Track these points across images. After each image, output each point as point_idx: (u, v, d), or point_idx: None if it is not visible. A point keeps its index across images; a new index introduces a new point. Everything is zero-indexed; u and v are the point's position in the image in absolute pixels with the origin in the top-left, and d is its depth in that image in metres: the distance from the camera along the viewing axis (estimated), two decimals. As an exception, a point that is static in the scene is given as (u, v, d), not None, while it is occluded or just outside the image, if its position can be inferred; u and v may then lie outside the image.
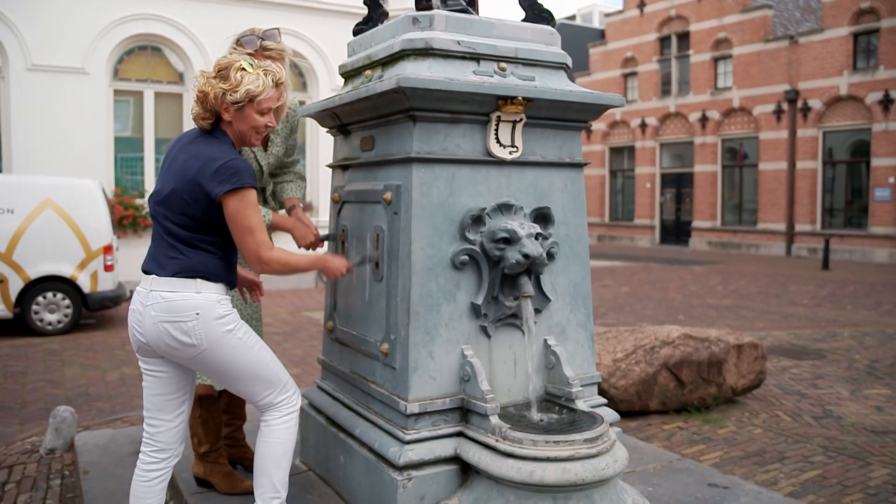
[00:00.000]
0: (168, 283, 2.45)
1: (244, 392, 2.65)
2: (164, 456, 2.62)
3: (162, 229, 2.53)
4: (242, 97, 2.49)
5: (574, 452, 2.51)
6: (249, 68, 2.51)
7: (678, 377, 5.29)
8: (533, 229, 2.78)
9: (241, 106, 2.50)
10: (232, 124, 2.55)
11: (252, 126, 2.56)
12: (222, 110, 2.51)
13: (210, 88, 2.48)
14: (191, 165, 2.48)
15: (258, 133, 2.60)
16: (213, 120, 2.54)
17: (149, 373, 2.61)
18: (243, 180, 2.44)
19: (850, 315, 10.83)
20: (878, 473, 4.20)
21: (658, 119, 26.23)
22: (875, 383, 6.39)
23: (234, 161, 2.46)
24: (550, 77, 3.03)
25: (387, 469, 2.75)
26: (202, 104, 2.52)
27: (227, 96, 2.48)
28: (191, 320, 2.43)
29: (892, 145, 19.73)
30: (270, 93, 2.55)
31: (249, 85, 2.49)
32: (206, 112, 2.52)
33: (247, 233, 2.47)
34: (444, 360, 2.80)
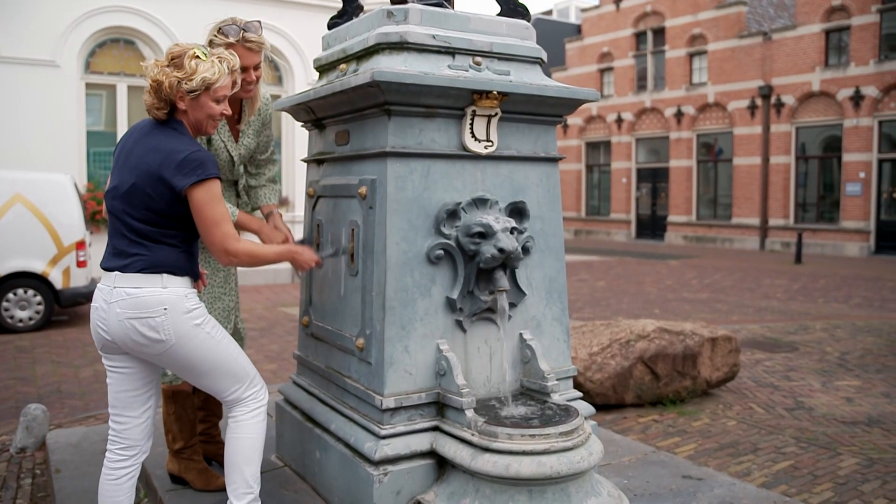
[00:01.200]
0: (133, 279, 2.41)
1: (212, 387, 2.62)
2: (131, 453, 2.59)
3: (122, 225, 2.47)
4: (198, 85, 2.44)
5: (549, 446, 2.51)
6: (203, 56, 2.47)
7: (653, 370, 5.33)
8: (508, 223, 2.79)
9: (196, 94, 2.45)
10: (187, 113, 2.50)
11: (208, 114, 2.51)
12: (177, 99, 2.46)
13: (164, 77, 2.42)
14: (151, 159, 2.43)
15: (214, 121, 2.55)
16: (167, 110, 2.48)
17: (113, 370, 2.57)
18: (208, 171, 2.41)
19: (821, 308, 10.98)
20: (847, 463, 4.27)
21: (634, 114, 26.39)
22: (845, 375, 6.49)
23: (197, 153, 2.42)
24: (526, 71, 3.04)
25: (363, 464, 2.74)
26: (156, 94, 2.45)
27: (182, 85, 2.43)
28: (158, 315, 2.40)
29: (863, 141, 20.02)
30: (226, 80, 2.52)
31: (205, 73, 2.44)
32: (161, 102, 2.46)
33: (213, 225, 2.43)
34: (419, 355, 2.80)
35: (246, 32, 3.01)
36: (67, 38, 11.45)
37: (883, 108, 19.75)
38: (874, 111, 19.81)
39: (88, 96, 11.97)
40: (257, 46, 3.04)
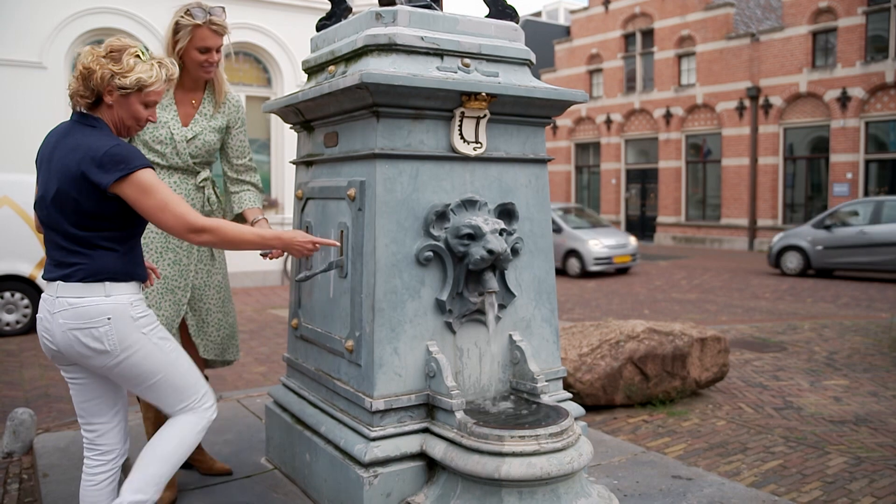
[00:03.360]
0: (75, 288, 2.30)
1: (159, 401, 2.49)
2: (109, 458, 2.52)
3: (56, 234, 2.35)
4: (132, 84, 2.33)
5: (539, 447, 2.52)
6: (143, 56, 2.37)
7: (643, 371, 5.34)
8: (497, 225, 2.79)
9: (127, 93, 2.34)
10: (112, 109, 2.37)
11: (133, 116, 2.40)
12: (105, 92, 2.34)
13: (98, 67, 2.31)
14: (71, 160, 2.30)
15: (138, 124, 2.43)
16: (92, 101, 2.36)
17: (71, 381, 2.50)
18: (132, 164, 2.26)
19: (809, 308, 11.04)
20: (835, 462, 4.30)
21: (623, 115, 26.46)
22: (834, 374, 6.53)
23: (117, 147, 2.28)
24: (514, 73, 3.04)
25: (353, 466, 2.74)
26: (84, 81, 2.33)
27: (115, 80, 2.32)
28: (101, 325, 2.29)
29: (850, 142, 20.15)
30: (160, 86, 2.41)
31: (142, 73, 2.34)
32: (87, 91, 2.34)
33: (159, 211, 2.28)
34: (409, 357, 2.79)
35: (212, 16, 3.11)
36: (54, 40, 11.39)
37: (869, 110, 19.88)
38: (861, 112, 19.94)
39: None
40: (222, 30, 3.14)
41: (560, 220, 16.07)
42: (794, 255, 15.19)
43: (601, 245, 15.46)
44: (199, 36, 3.08)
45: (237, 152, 3.36)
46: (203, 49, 3.10)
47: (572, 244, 15.54)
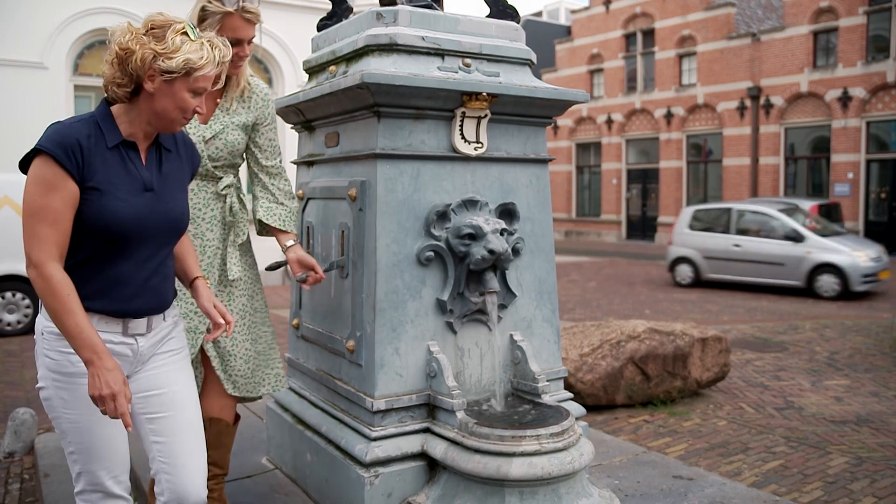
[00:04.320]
0: None
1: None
2: None
3: None
4: (179, 67, 1.92)
5: (540, 447, 2.52)
6: (191, 34, 1.97)
7: (644, 371, 5.34)
8: (498, 225, 2.79)
9: (172, 78, 1.94)
10: (153, 99, 1.96)
11: (179, 106, 1.98)
12: (146, 77, 1.93)
13: (139, 46, 1.91)
14: None
15: (184, 117, 2.01)
16: (131, 88, 1.96)
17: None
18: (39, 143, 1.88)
19: (811, 308, 11.03)
20: (836, 462, 4.29)
21: (624, 115, 26.45)
22: (835, 374, 6.52)
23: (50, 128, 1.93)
24: (515, 73, 3.04)
25: (353, 466, 2.74)
26: (121, 65, 1.93)
27: (158, 61, 1.91)
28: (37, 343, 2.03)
29: (851, 141, 20.13)
30: (212, 71, 2.00)
31: (190, 54, 1.93)
32: (125, 77, 1.94)
33: (24, 218, 1.89)
34: (410, 357, 2.79)
35: (244, 2, 2.66)
36: (55, 41, 11.41)
37: (871, 109, 19.86)
38: (862, 112, 19.92)
39: (77, 98, 11.92)
40: (255, 18, 2.72)
41: (796, 223, 12.43)
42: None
43: (866, 257, 11.85)
44: (229, 25, 2.64)
45: (267, 152, 2.88)
46: (234, 41, 2.61)
47: (824, 256, 11.86)
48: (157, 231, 2.03)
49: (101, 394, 1.83)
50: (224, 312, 2.21)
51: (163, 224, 2.04)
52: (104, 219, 1.92)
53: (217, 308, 2.21)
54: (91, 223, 1.92)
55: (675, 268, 14.00)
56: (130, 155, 2.00)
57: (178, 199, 2.12)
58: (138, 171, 2.00)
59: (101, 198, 1.92)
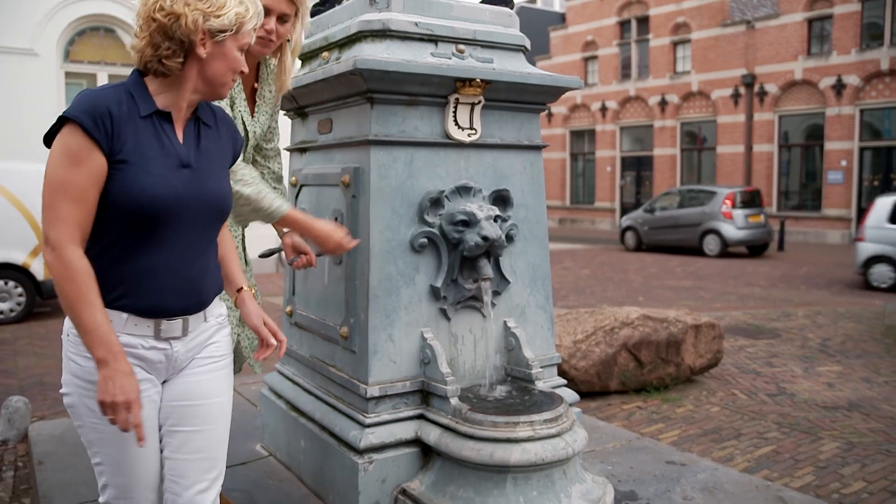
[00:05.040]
0: None
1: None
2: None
3: None
4: (231, 23, 1.72)
5: (534, 433, 2.52)
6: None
7: (637, 357, 5.36)
8: (492, 211, 2.79)
9: (223, 37, 1.73)
10: (204, 66, 1.74)
11: (232, 67, 1.78)
12: (198, 43, 1.71)
13: (185, 8, 1.68)
14: None
15: (234, 78, 1.82)
16: (182, 58, 1.72)
17: None
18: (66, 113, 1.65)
19: (803, 295, 11.08)
20: (828, 447, 4.32)
21: (618, 103, 26.43)
22: (827, 361, 6.56)
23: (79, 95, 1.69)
24: (509, 59, 3.03)
25: (348, 453, 2.74)
26: (166, 34, 1.69)
27: (209, 22, 1.70)
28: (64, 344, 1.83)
29: (845, 129, 20.17)
30: (256, 23, 1.81)
31: (237, 7, 1.74)
32: (173, 45, 1.70)
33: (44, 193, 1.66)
34: (403, 343, 2.80)
35: None
36: (46, 27, 11.32)
37: (864, 97, 19.89)
38: (856, 100, 19.95)
39: (68, 85, 11.84)
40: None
41: None
42: (630, 235, 18.35)
43: None
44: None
45: (269, 134, 2.83)
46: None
47: None
48: (195, 214, 1.77)
49: (115, 400, 1.62)
50: (276, 331, 2.01)
51: (202, 206, 1.78)
52: (133, 196, 1.66)
53: (268, 326, 2.01)
54: (119, 202, 1.67)
55: (870, 269, 11.63)
56: (165, 127, 1.75)
57: (220, 178, 1.86)
58: (173, 145, 1.75)
59: (130, 172, 1.67)
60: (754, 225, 16.39)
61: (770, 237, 16.92)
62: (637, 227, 18.09)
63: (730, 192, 16.73)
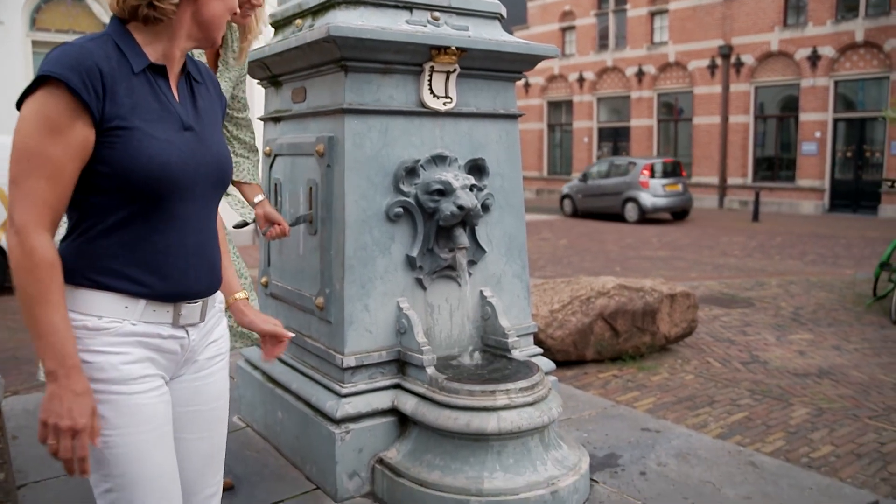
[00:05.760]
0: None
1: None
2: None
3: None
4: None
5: (510, 401, 2.54)
6: None
7: (613, 327, 5.40)
8: (467, 181, 2.78)
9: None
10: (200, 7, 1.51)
11: (227, 6, 1.56)
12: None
13: None
14: None
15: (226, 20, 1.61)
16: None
17: None
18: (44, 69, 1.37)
19: (777, 265, 11.21)
20: (798, 413, 4.40)
21: (595, 73, 26.36)
22: (799, 329, 6.66)
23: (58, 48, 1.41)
24: (484, 27, 3.00)
25: (324, 423, 2.75)
26: None
27: None
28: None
29: (819, 101, 20.29)
30: None
31: None
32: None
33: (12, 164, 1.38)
34: (379, 313, 2.79)
35: None
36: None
37: (839, 69, 20.00)
38: (830, 71, 20.06)
39: (35, 55, 11.56)
40: None
41: None
42: (567, 202, 19.79)
43: None
44: None
45: (239, 104, 2.80)
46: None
47: None
48: (204, 181, 1.54)
49: (58, 424, 1.34)
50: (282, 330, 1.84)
51: (210, 171, 1.55)
52: (141, 165, 1.42)
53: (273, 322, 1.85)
54: (124, 173, 1.42)
55: None
56: (160, 84, 1.51)
57: (222, 142, 1.64)
58: (171, 104, 1.51)
59: (134, 138, 1.43)
60: (672, 193, 17.64)
61: (689, 203, 18.26)
62: (573, 194, 19.52)
63: (647, 162, 17.92)
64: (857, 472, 3.61)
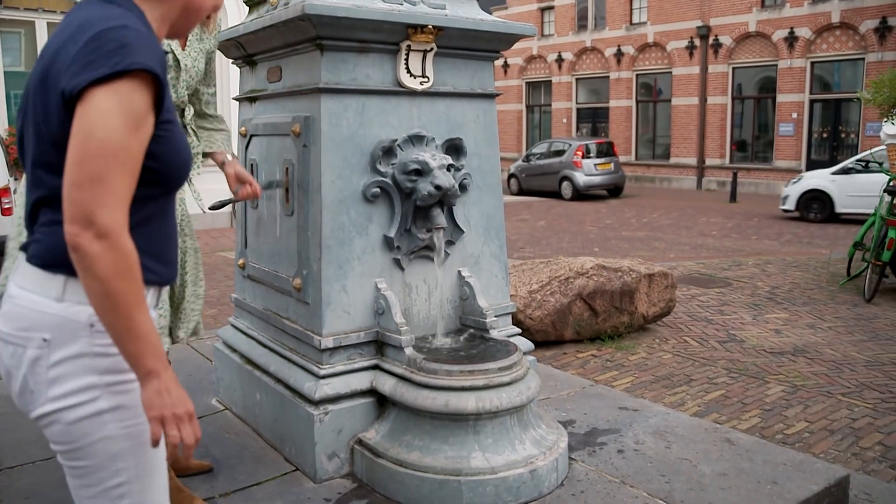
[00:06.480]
0: (27, 272, 1.40)
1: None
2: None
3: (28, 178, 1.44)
4: None
5: (488, 381, 2.55)
6: None
7: (592, 307, 5.43)
8: (445, 160, 2.76)
9: None
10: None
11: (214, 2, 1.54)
12: None
13: None
14: (51, 46, 1.37)
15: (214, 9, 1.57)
16: None
17: None
18: (128, 60, 1.26)
19: (754, 245, 11.32)
20: (773, 391, 4.47)
21: (574, 54, 26.33)
22: (775, 308, 6.74)
23: (123, 30, 1.29)
24: (461, 6, 2.97)
25: (303, 404, 2.74)
26: None
27: None
28: (32, 346, 1.36)
29: (796, 82, 20.42)
30: None
31: None
32: None
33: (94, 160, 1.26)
34: (357, 294, 2.78)
35: None
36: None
37: (815, 50, 20.12)
38: (807, 52, 20.17)
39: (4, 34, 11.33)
40: None
41: None
42: (513, 181, 20.74)
43: None
44: None
45: (208, 80, 2.80)
46: None
47: None
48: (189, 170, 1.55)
49: (177, 413, 1.33)
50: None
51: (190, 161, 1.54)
52: (181, 159, 1.44)
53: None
54: (168, 166, 1.41)
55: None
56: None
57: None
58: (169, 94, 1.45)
59: (175, 132, 1.42)
60: (604, 172, 19.17)
61: (622, 181, 19.77)
62: (518, 174, 20.73)
63: (580, 144, 19.26)
64: (829, 448, 3.67)
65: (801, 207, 13.98)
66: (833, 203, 13.52)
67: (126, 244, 1.28)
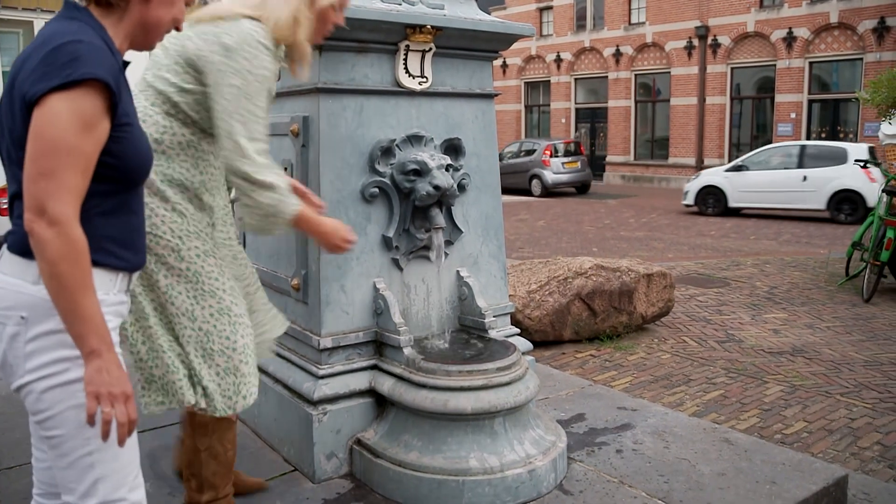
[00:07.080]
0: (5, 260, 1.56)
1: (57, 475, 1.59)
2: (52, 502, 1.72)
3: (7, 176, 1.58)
4: None
5: (487, 381, 2.55)
6: None
7: (591, 307, 5.43)
8: (443, 160, 2.76)
9: None
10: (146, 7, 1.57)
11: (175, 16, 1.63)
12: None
13: None
14: (21, 57, 1.53)
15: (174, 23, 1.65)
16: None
17: None
18: (80, 70, 1.41)
19: (752, 245, 11.32)
20: (772, 391, 4.47)
21: (573, 54, 26.34)
22: (773, 308, 6.74)
23: (78, 44, 1.43)
24: (460, 6, 2.97)
25: (302, 404, 2.74)
26: None
27: None
28: (12, 323, 1.51)
29: (795, 82, 20.44)
30: None
31: None
32: None
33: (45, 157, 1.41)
34: (356, 294, 2.78)
35: None
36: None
37: (814, 50, 20.14)
38: (805, 52, 20.19)
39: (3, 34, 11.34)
40: None
41: None
42: None
43: None
44: None
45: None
46: None
47: None
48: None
49: (112, 392, 1.44)
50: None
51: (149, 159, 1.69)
52: (140, 157, 1.59)
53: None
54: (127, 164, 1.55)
55: None
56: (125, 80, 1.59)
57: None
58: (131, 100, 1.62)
59: (134, 133, 1.56)
60: (571, 170, 20.26)
61: (588, 179, 20.98)
62: None
63: (548, 143, 20.26)
64: (827, 448, 3.67)
65: (699, 202, 15.46)
66: (727, 198, 15.00)
67: (74, 232, 1.43)
